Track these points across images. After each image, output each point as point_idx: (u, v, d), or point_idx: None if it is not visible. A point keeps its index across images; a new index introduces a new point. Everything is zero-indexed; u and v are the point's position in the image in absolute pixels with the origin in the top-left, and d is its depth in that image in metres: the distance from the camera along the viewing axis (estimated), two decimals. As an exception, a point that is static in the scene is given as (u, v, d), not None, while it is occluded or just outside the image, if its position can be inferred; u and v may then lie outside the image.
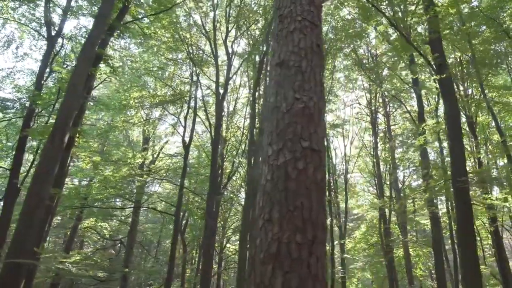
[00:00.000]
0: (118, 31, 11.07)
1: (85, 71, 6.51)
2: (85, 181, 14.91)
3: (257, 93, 13.33)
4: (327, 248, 20.14)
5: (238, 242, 16.67)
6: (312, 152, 1.92)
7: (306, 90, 2.08)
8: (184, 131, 16.46)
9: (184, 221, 24.99)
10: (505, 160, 21.60)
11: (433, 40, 7.77)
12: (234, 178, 25.59)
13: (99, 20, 7.01)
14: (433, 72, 8.31)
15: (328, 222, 18.23)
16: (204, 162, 23.50)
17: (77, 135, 11.92)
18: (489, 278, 24.41)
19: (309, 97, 2.06)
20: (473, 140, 18.67)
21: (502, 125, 22.69)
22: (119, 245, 21.94)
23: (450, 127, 7.23)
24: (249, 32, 16.14)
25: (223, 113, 22.35)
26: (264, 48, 15.05)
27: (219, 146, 23.60)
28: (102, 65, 16.31)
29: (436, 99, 20.32)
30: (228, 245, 29.66)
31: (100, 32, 7.05)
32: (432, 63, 7.85)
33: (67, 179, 13.85)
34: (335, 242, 21.90)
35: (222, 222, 26.37)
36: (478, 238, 26.71)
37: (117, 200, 21.32)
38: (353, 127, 25.85)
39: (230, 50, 15.27)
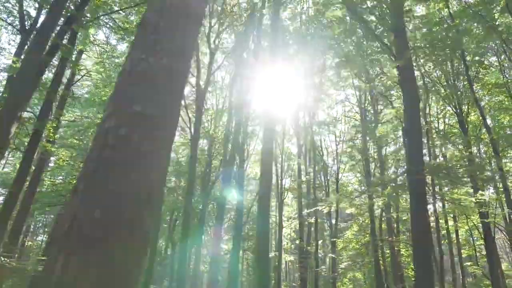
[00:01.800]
0: (89, 23, 10.85)
1: (35, 60, 6.31)
2: (61, 178, 14.70)
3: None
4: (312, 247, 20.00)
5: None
6: (143, 118, 1.68)
7: (157, 51, 1.85)
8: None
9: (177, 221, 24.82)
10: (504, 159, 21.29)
11: (397, 26, 7.50)
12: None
13: (53, 10, 6.82)
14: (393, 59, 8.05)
15: (312, 220, 17.96)
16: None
17: (51, 131, 11.75)
18: (482, 279, 24.12)
19: (158, 58, 1.82)
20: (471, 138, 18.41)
21: (491, 124, 22.39)
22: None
23: (407, 116, 6.97)
24: (234, 28, 15.94)
25: (212, 111, 22.23)
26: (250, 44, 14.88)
27: (211, 145, 23.50)
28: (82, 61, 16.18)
29: (424, 97, 20.04)
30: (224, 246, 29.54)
31: (54, 22, 6.84)
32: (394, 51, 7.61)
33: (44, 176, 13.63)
34: (320, 241, 21.53)
35: (214, 221, 26.20)
36: (470, 239, 26.43)
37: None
38: (345, 126, 25.64)
39: (212, 45, 15.08)
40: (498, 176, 17.30)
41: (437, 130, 23.25)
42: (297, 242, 19.21)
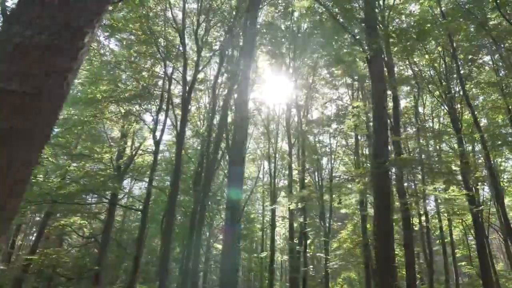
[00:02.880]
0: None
1: None
2: (40, 176, 14.52)
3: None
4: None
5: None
6: (13, 95, 1.54)
7: (36, 25, 1.70)
8: (155, 127, 16.09)
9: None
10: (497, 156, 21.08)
11: (369, 18, 7.33)
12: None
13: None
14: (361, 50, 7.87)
15: (301, 219, 17.76)
16: (184, 159, 23.17)
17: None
18: (477, 279, 23.92)
19: (35, 33, 1.67)
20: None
21: (487, 123, 22.23)
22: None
23: (374, 110, 6.81)
24: (223, 26, 15.81)
25: (203, 110, 22.10)
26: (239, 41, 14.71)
27: (205, 144, 23.34)
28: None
29: (417, 95, 19.91)
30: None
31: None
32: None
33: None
34: (308, 241, 21.34)
35: (209, 219, 26.08)
36: (465, 239, 26.23)
37: (94, 197, 20.99)
38: (339, 126, 25.48)
39: (200, 43, 14.93)
40: (486, 174, 17.16)
41: (431, 129, 23.13)
42: (289, 241, 19.05)
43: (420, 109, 25.10)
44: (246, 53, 9.33)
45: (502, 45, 15.98)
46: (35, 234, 21.65)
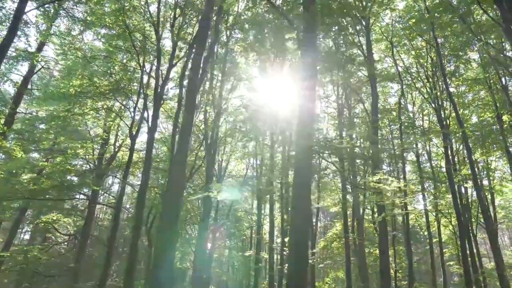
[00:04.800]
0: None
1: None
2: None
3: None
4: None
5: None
6: None
7: None
8: (132, 122, 15.82)
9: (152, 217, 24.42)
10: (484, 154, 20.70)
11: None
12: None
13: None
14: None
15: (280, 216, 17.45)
16: (164, 155, 22.93)
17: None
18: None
19: None
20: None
21: (474, 121, 21.86)
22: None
23: (302, 88, 6.36)
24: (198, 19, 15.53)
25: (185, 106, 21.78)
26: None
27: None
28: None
29: (400, 91, 19.57)
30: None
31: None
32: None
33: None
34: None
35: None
36: (454, 238, 25.84)
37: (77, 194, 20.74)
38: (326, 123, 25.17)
39: (175, 37, 14.68)
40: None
41: (421, 127, 22.80)
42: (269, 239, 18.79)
43: (410, 107, 24.79)
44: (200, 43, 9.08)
45: (488, 41, 15.59)
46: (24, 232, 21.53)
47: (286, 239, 15.41)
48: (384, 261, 11.83)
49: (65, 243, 22.65)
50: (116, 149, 20.59)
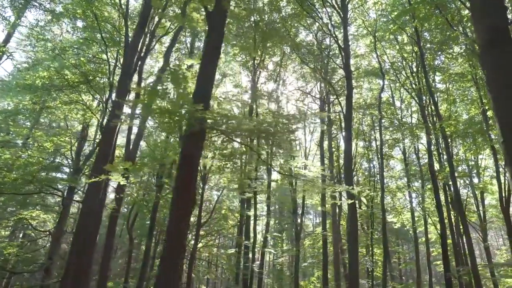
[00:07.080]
0: None
1: None
2: None
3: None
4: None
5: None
6: None
7: None
8: (104, 115, 15.43)
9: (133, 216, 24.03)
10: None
11: None
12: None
13: None
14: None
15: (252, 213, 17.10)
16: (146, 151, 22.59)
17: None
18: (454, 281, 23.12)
19: None
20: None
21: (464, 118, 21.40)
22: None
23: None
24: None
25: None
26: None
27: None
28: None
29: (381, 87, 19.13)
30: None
31: None
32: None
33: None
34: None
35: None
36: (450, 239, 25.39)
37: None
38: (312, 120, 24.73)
39: (146, 29, 14.30)
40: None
41: (407, 123, 22.35)
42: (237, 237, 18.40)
43: (398, 103, 24.35)
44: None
45: (469, 34, 15.12)
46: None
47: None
48: (353, 259, 11.42)
49: (43, 238, 22.30)
50: (96, 145, 20.26)
